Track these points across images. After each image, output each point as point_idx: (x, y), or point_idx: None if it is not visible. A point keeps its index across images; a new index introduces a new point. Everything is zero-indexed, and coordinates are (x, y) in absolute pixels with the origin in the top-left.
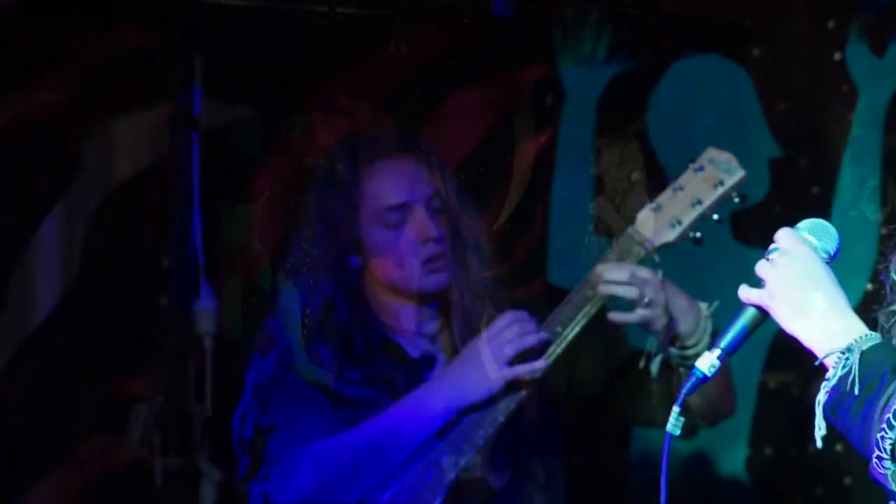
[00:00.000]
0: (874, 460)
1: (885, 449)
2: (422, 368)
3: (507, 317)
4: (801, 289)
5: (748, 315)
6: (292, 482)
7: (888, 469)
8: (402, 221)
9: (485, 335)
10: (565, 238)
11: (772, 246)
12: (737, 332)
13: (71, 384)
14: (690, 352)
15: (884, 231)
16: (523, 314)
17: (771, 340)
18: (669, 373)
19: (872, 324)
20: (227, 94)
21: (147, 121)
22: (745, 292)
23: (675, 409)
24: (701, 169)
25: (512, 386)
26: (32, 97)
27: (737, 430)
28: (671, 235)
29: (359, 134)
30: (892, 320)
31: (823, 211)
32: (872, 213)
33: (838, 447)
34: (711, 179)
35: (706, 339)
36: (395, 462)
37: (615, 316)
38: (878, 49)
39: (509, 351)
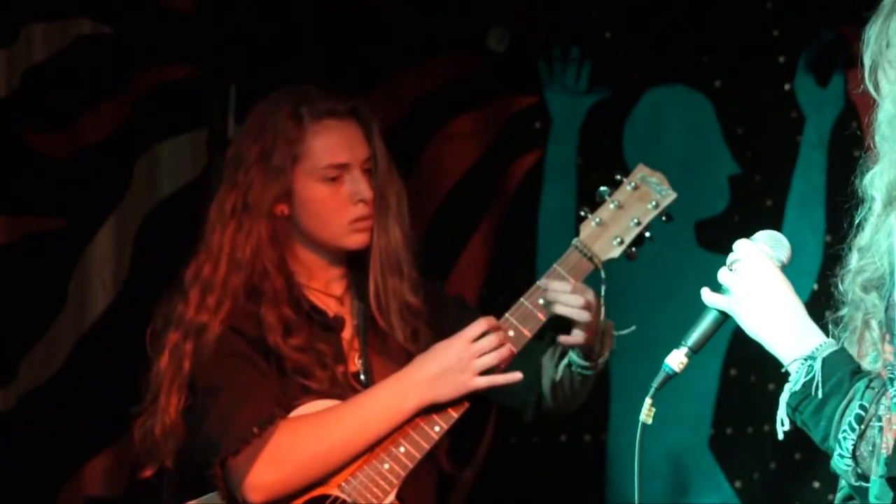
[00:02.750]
0: (836, 457)
1: (846, 448)
2: (336, 331)
3: (482, 324)
4: (765, 300)
5: (711, 317)
6: (266, 461)
7: (849, 466)
8: (338, 179)
9: (459, 341)
10: (552, 241)
11: (732, 255)
12: (702, 332)
13: (123, 370)
14: (591, 363)
15: (828, 238)
16: (494, 321)
17: (730, 336)
18: (567, 373)
19: (825, 330)
20: None
21: (188, 143)
22: (710, 297)
23: (648, 400)
24: (635, 187)
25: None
26: (91, 123)
27: (702, 413)
28: (616, 252)
29: (307, 91)
30: (840, 326)
31: (776, 220)
32: (818, 221)
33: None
34: (646, 199)
35: (606, 353)
36: (361, 452)
37: (566, 339)
38: (822, 81)
39: (487, 361)
